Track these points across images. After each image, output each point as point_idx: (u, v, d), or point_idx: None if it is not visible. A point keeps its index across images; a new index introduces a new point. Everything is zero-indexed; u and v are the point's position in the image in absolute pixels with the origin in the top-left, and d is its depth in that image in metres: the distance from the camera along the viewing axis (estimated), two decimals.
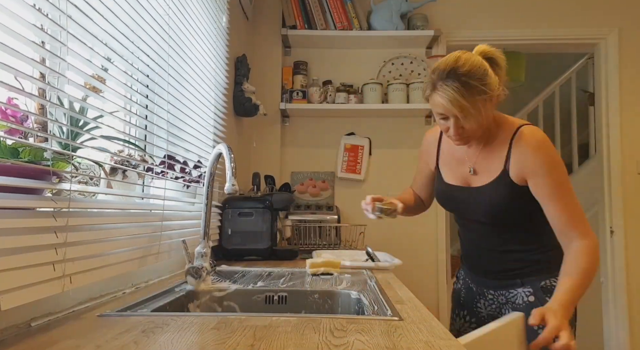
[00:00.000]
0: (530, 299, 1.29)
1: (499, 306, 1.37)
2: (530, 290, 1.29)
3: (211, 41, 1.84)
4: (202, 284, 1.21)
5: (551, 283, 1.27)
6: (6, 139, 0.74)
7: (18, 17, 0.72)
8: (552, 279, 1.27)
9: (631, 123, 2.84)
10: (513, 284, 1.32)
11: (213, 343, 0.67)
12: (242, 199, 1.93)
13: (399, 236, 2.78)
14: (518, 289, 1.31)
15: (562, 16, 2.87)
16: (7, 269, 0.67)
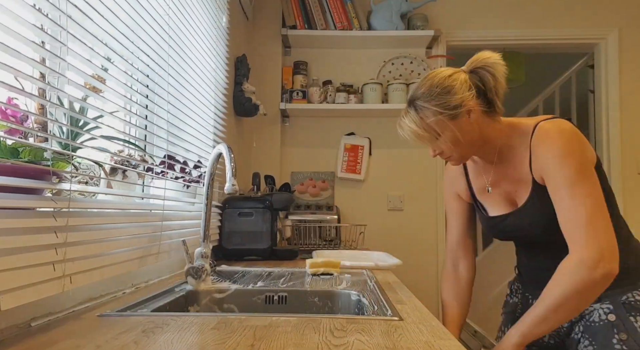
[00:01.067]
0: (610, 317, 1.08)
1: (570, 324, 1.16)
2: (610, 306, 1.08)
3: (211, 41, 1.84)
4: (202, 284, 1.21)
5: (635, 297, 1.08)
6: (6, 139, 0.74)
7: (18, 17, 0.72)
8: (636, 293, 1.08)
9: (631, 123, 2.84)
10: None
11: (213, 343, 0.67)
12: (242, 199, 1.93)
13: (399, 236, 2.78)
14: (594, 304, 1.10)
15: (562, 16, 2.87)
16: (7, 269, 0.67)
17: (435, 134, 1.10)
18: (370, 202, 2.81)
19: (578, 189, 1.01)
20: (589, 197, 1.01)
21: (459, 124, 1.09)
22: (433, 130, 1.09)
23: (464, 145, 1.12)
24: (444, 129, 1.09)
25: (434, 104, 1.08)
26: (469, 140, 1.11)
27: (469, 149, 1.14)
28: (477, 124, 1.11)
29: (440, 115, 1.08)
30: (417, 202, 2.80)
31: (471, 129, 1.10)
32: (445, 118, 1.08)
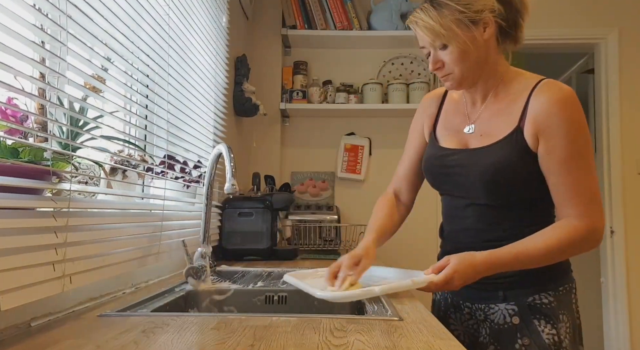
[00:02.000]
0: (514, 320, 1.02)
1: (477, 323, 1.10)
2: (515, 308, 1.02)
3: (211, 41, 1.84)
4: (202, 284, 1.21)
5: (542, 300, 1.02)
6: (6, 139, 0.74)
7: (18, 17, 0.72)
8: (544, 295, 1.02)
9: (631, 123, 2.84)
10: (494, 297, 1.05)
11: (213, 343, 0.67)
12: (242, 199, 1.93)
13: (399, 236, 2.77)
14: (500, 304, 1.04)
15: (562, 16, 2.87)
16: (7, 269, 0.67)
17: (450, 36, 0.99)
18: (370, 202, 2.79)
19: (585, 163, 0.98)
20: (593, 173, 0.99)
21: (473, 34, 1.00)
22: (450, 29, 0.99)
23: (470, 63, 1.02)
24: (458, 33, 0.99)
25: (455, 1, 0.99)
26: (476, 58, 1.02)
27: (472, 70, 1.03)
28: (488, 44, 1.03)
29: (461, 15, 0.98)
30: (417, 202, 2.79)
31: (482, 45, 1.02)
32: (464, 20, 0.99)
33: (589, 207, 0.96)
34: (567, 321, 1.03)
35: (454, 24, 0.99)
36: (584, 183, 0.97)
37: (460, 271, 0.94)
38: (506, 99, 1.06)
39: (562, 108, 0.97)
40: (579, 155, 0.97)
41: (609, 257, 2.83)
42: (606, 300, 2.86)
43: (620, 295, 2.78)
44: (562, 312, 1.03)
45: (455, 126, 1.13)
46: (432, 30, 1.00)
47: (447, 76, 1.05)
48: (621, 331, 2.76)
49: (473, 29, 1.00)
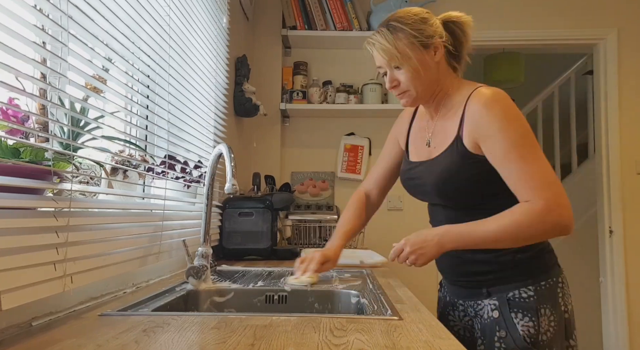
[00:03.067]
0: (494, 314, 1.09)
1: (471, 319, 1.18)
2: (496, 303, 1.09)
3: (211, 41, 1.84)
4: (203, 283, 1.21)
5: (521, 294, 1.07)
6: (7, 139, 0.74)
7: (19, 17, 0.73)
8: (523, 290, 1.07)
9: (630, 123, 2.84)
10: (479, 294, 1.13)
11: (213, 342, 0.68)
12: (242, 199, 1.93)
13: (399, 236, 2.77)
14: (484, 300, 1.12)
15: (561, 16, 2.87)
16: (8, 268, 0.67)
17: (404, 58, 1.09)
18: None
19: (528, 151, 1.01)
20: (540, 159, 1.01)
21: (425, 57, 1.10)
22: (404, 52, 1.08)
23: (422, 82, 1.11)
24: (411, 56, 1.08)
25: (410, 27, 1.09)
26: (428, 78, 1.11)
27: (425, 88, 1.12)
28: (438, 66, 1.12)
29: (414, 39, 1.08)
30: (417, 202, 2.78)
31: (433, 66, 1.11)
32: (417, 43, 1.08)
33: (540, 191, 0.98)
34: (550, 315, 1.06)
35: (407, 47, 1.08)
36: (528, 170, 0.99)
37: (411, 239, 1.07)
38: (450, 111, 1.14)
39: (489, 108, 1.04)
40: (516, 146, 1.01)
41: (607, 256, 2.84)
42: (605, 299, 2.86)
43: (619, 295, 2.78)
44: (543, 306, 1.06)
45: (420, 140, 1.23)
46: (388, 52, 1.10)
47: (403, 94, 1.15)
48: (620, 331, 2.76)
49: (424, 52, 1.10)
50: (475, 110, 1.06)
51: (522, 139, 1.02)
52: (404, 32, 1.09)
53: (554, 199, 0.98)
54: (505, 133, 1.02)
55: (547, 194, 0.98)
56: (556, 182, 1.01)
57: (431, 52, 1.10)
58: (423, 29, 1.09)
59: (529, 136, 1.03)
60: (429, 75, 1.11)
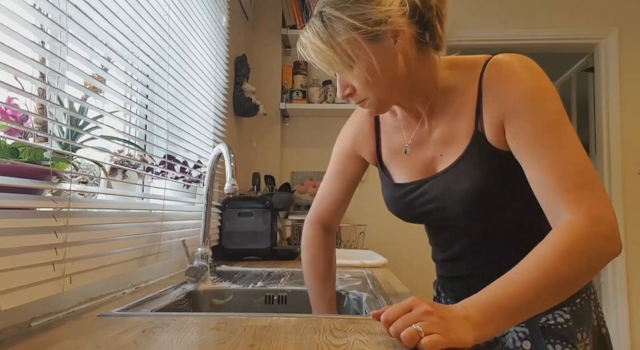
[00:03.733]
0: (524, 345, 0.86)
1: (488, 347, 0.93)
2: (526, 331, 0.86)
3: (211, 41, 1.84)
4: (202, 284, 1.21)
5: (556, 319, 0.85)
6: (6, 139, 0.74)
7: (18, 17, 0.72)
8: (558, 313, 0.85)
9: (631, 123, 2.84)
10: None
11: (213, 343, 0.67)
12: (242, 199, 1.93)
13: (399, 236, 2.77)
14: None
15: (562, 16, 2.87)
16: (7, 269, 0.67)
17: (348, 59, 0.77)
18: (370, 202, 2.81)
19: (566, 134, 0.73)
20: (579, 145, 0.72)
21: (380, 50, 0.76)
22: (345, 52, 0.76)
23: (384, 83, 0.79)
24: (358, 54, 0.76)
25: (348, 13, 0.75)
26: (391, 76, 0.79)
27: (391, 90, 0.81)
28: (404, 55, 0.78)
29: (356, 32, 0.75)
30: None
31: (395, 60, 0.78)
32: (361, 37, 0.75)
33: (582, 193, 0.69)
34: (586, 337, 0.88)
35: (351, 44, 0.76)
36: (565, 163, 0.70)
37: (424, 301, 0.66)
38: (454, 104, 0.84)
39: (518, 77, 0.76)
40: (551, 128, 0.73)
41: None
42: (606, 300, 2.86)
43: (620, 296, 2.78)
44: (580, 329, 0.87)
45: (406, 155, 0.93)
46: (323, 56, 0.78)
47: (363, 102, 0.86)
48: (621, 331, 2.76)
49: (378, 45, 0.76)
50: (498, 88, 0.77)
51: (557, 119, 0.73)
52: (341, 22, 0.75)
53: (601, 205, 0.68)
54: (535, 113, 0.74)
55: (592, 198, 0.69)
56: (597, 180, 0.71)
57: (388, 41, 0.76)
58: (369, 13, 0.75)
59: (564, 116, 0.74)
60: (390, 71, 0.78)
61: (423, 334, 0.59)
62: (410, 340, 0.59)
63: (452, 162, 0.84)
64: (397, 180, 0.95)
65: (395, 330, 0.61)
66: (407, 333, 0.59)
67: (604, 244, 0.67)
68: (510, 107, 0.76)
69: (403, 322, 0.61)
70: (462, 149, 0.82)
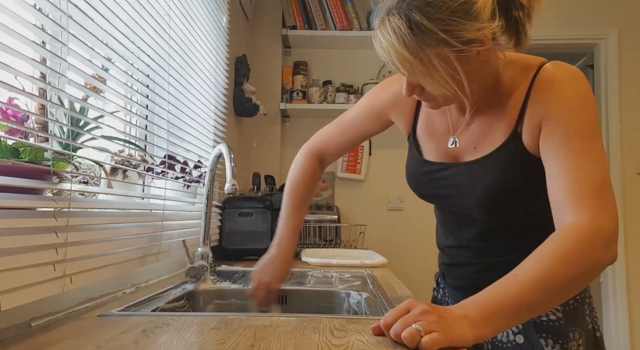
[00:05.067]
0: (518, 339, 0.89)
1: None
2: (519, 325, 0.89)
3: (211, 41, 1.84)
4: (203, 284, 1.21)
5: (549, 316, 0.88)
6: (7, 139, 0.74)
7: (19, 17, 0.72)
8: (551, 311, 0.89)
9: (631, 123, 2.84)
10: None
11: (213, 343, 0.67)
12: (242, 199, 1.93)
13: (399, 236, 2.78)
14: None
15: (561, 16, 2.87)
16: (7, 269, 0.67)
17: (432, 69, 0.74)
18: (370, 202, 2.81)
19: (594, 145, 0.75)
20: (603, 159, 0.75)
21: (465, 63, 0.75)
22: (430, 62, 0.73)
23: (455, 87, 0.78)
24: (444, 66, 0.74)
25: (442, 27, 0.70)
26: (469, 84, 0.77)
27: (459, 92, 0.79)
28: (483, 63, 0.79)
29: (448, 48, 0.71)
30: (417, 202, 2.78)
31: (475, 69, 0.78)
32: (450, 52, 0.72)
33: (591, 200, 0.70)
34: (579, 338, 0.90)
35: (437, 58, 0.73)
36: (584, 169, 0.73)
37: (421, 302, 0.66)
38: (500, 101, 0.85)
39: (563, 87, 0.79)
40: (583, 138, 0.75)
41: None
42: (606, 300, 2.86)
43: (620, 296, 2.78)
44: (572, 328, 0.89)
45: (441, 135, 0.94)
46: (408, 66, 0.75)
47: (428, 101, 0.85)
48: (621, 331, 2.76)
49: (464, 57, 0.74)
50: (544, 96, 0.79)
51: (588, 129, 0.75)
52: (433, 35, 0.71)
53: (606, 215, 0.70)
54: (576, 118, 0.76)
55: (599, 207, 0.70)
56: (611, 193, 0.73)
57: (472, 55, 0.74)
58: (464, 30, 0.71)
59: (596, 130, 0.76)
60: (469, 77, 0.77)
61: (423, 333, 0.59)
62: (411, 340, 0.60)
63: (483, 155, 0.86)
64: (426, 157, 0.96)
65: (396, 332, 0.62)
66: (407, 333, 0.60)
67: (602, 251, 0.68)
68: (549, 112, 0.78)
69: (402, 323, 0.62)
70: (496, 145, 0.85)
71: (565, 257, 0.66)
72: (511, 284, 0.66)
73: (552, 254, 0.67)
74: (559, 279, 0.66)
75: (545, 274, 0.66)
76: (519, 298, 0.65)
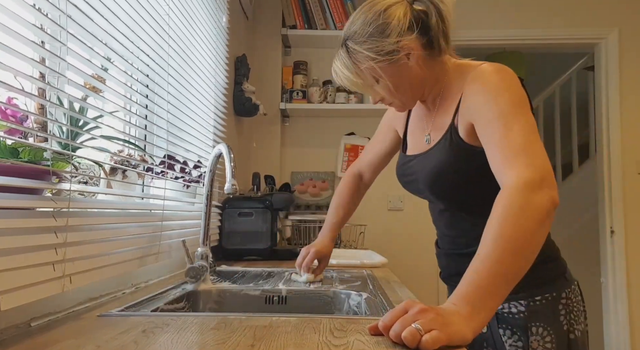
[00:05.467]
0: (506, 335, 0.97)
1: None
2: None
3: (211, 41, 1.84)
4: (202, 284, 1.21)
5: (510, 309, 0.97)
6: (6, 139, 0.74)
7: (18, 17, 0.72)
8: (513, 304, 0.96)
9: (631, 123, 2.84)
10: None
11: (213, 343, 0.67)
12: (242, 199, 1.93)
13: (399, 236, 2.77)
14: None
15: (562, 16, 2.87)
16: (7, 269, 0.67)
17: (371, 81, 0.97)
18: (370, 202, 2.81)
19: (513, 120, 0.83)
20: (525, 127, 0.82)
21: (396, 69, 0.95)
22: (369, 75, 0.96)
23: (405, 90, 0.99)
24: (379, 76, 0.95)
25: (366, 47, 0.93)
26: (410, 84, 0.98)
27: (411, 94, 1.00)
28: (418, 67, 0.96)
29: (373, 62, 0.93)
30: (417, 202, 2.78)
31: (411, 73, 0.96)
32: (379, 64, 0.93)
33: (515, 160, 0.79)
34: (545, 335, 0.94)
35: (371, 70, 0.95)
36: (506, 137, 0.82)
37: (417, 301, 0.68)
38: (447, 100, 1.01)
39: (485, 81, 0.90)
40: (504, 114, 0.84)
41: (609, 257, 2.83)
42: (606, 300, 2.86)
43: (620, 296, 2.78)
44: (535, 324, 0.95)
45: (419, 132, 1.11)
46: (350, 82, 0.99)
47: (390, 105, 1.05)
48: (621, 332, 2.76)
49: (394, 66, 0.94)
50: (471, 89, 0.92)
51: (510, 108, 0.85)
52: (361, 55, 0.94)
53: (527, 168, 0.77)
54: (492, 104, 0.86)
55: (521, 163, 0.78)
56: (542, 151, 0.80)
57: (402, 60, 0.94)
58: (381, 45, 0.92)
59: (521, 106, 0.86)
60: (408, 82, 0.98)
61: (423, 331, 0.60)
62: (412, 340, 0.60)
63: (430, 146, 1.03)
64: (407, 153, 1.15)
65: (395, 333, 0.63)
66: (407, 333, 0.60)
67: (532, 198, 0.74)
68: (476, 102, 0.91)
69: (401, 324, 0.63)
70: (439, 137, 1.00)
71: (507, 218, 0.72)
72: (480, 263, 0.70)
73: (497, 221, 0.73)
74: (513, 238, 0.70)
75: (500, 239, 0.71)
76: (491, 271, 0.69)
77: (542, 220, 0.73)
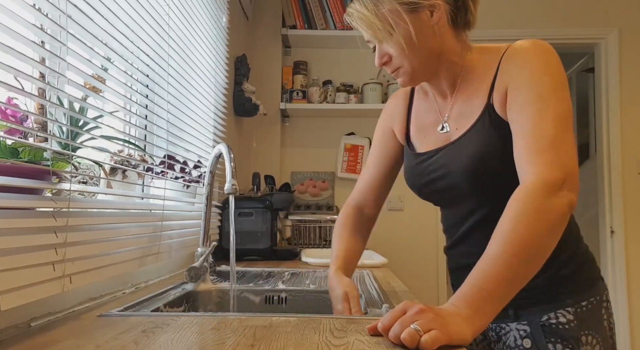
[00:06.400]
0: (525, 343, 0.88)
1: (489, 345, 0.98)
2: (527, 329, 0.88)
3: (211, 41, 1.84)
4: (202, 284, 1.21)
5: (558, 318, 0.86)
6: (6, 139, 0.74)
7: (18, 17, 0.72)
8: (561, 313, 0.86)
9: (631, 123, 2.84)
10: (504, 316, 0.90)
11: (213, 343, 0.67)
12: (242, 199, 1.93)
13: (399, 236, 2.77)
14: (511, 323, 0.91)
15: (562, 16, 2.87)
16: (7, 269, 0.67)
17: (389, 27, 0.86)
18: None
19: (548, 107, 0.78)
20: (560, 116, 0.77)
21: (418, 21, 0.86)
22: (386, 20, 0.86)
23: (418, 53, 0.88)
24: (398, 22, 0.86)
25: None
26: (426, 47, 0.88)
27: (424, 61, 0.89)
28: (438, 30, 0.88)
29: (397, 2, 0.85)
30: (417, 202, 2.78)
31: (431, 33, 0.88)
32: (402, 7, 0.85)
33: (541, 156, 0.74)
34: (595, 344, 0.87)
35: (392, 14, 0.85)
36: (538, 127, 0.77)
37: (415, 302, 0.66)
38: (476, 80, 0.92)
39: (525, 57, 0.84)
40: (541, 98, 0.79)
41: (609, 257, 2.84)
42: None
43: (620, 295, 2.78)
44: (585, 332, 0.86)
45: (430, 125, 1.00)
46: (368, 23, 0.88)
47: (397, 71, 0.92)
48: (622, 331, 2.76)
49: (416, 16, 0.86)
50: (506, 63, 0.86)
51: (551, 92, 0.79)
52: None
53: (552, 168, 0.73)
54: (531, 85, 0.80)
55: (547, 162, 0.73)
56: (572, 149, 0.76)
57: (426, 14, 0.86)
58: None
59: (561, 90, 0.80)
60: (427, 44, 0.88)
61: (422, 332, 0.60)
62: (411, 341, 0.60)
63: (463, 131, 0.91)
64: (418, 151, 1.01)
65: (395, 334, 0.62)
66: (406, 334, 0.60)
67: (550, 200, 0.71)
68: (512, 79, 0.84)
69: (400, 325, 0.62)
70: (474, 119, 0.89)
71: (521, 220, 0.69)
72: (487, 264, 0.68)
73: (509, 222, 0.70)
74: (525, 242, 0.68)
75: (510, 242, 0.68)
76: (498, 275, 0.67)
77: (556, 225, 0.71)
